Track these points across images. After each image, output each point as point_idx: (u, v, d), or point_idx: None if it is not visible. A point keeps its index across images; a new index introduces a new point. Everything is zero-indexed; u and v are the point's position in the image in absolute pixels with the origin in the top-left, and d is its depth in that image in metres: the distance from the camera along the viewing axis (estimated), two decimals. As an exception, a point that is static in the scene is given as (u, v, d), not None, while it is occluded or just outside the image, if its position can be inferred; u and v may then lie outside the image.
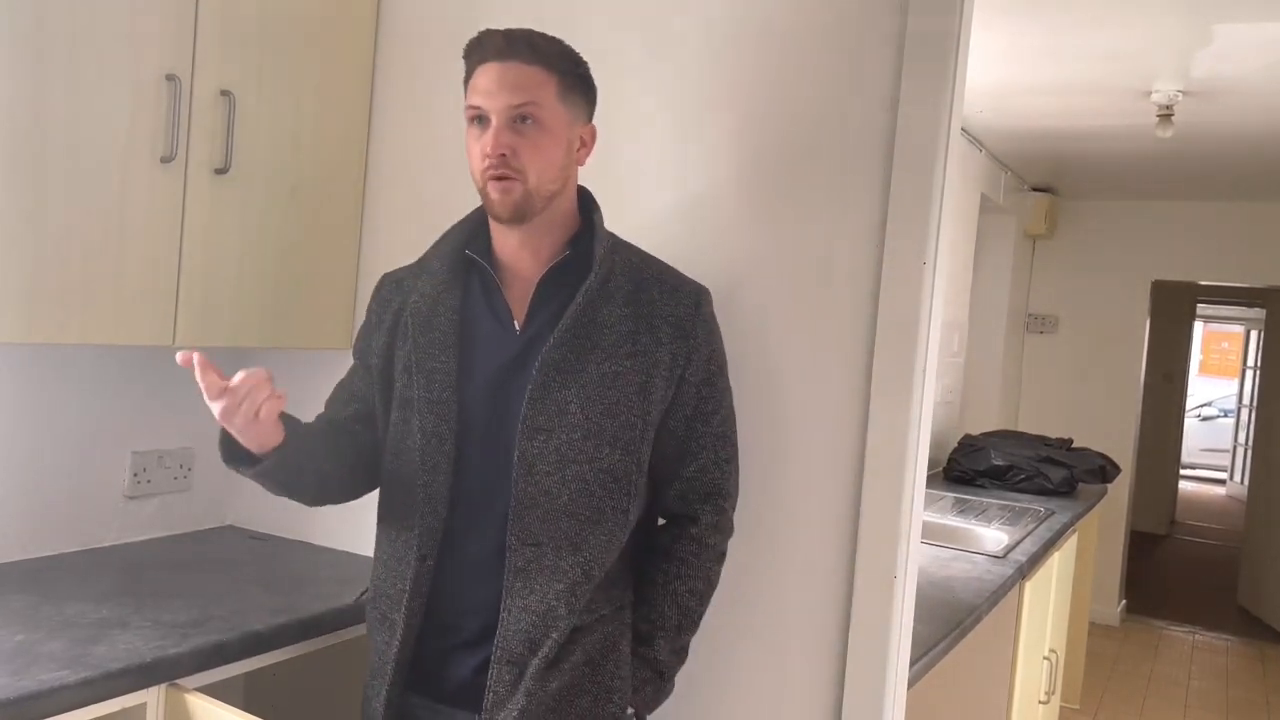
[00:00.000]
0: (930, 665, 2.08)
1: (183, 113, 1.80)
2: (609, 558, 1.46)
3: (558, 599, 1.42)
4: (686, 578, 1.53)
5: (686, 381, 1.49)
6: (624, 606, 1.52)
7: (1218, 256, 5.88)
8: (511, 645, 1.42)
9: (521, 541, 1.42)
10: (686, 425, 1.51)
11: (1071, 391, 6.09)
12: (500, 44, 1.40)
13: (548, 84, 1.40)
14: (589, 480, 1.43)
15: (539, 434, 1.41)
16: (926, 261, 1.65)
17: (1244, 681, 5.37)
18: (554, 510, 1.42)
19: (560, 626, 1.42)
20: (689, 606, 1.54)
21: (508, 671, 1.42)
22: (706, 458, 1.53)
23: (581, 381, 1.42)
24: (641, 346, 1.45)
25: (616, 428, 1.43)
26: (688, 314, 1.49)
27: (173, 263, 1.83)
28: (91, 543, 2.11)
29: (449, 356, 1.46)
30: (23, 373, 1.98)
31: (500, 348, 1.47)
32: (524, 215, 1.42)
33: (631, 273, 1.49)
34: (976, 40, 1.78)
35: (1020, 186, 5.73)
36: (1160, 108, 3.74)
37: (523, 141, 1.39)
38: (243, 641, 1.67)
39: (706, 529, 1.54)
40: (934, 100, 1.64)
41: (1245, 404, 10.77)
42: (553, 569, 1.42)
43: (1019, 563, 2.97)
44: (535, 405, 1.42)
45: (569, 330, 1.42)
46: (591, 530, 1.44)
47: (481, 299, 1.50)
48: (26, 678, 1.41)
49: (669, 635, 1.53)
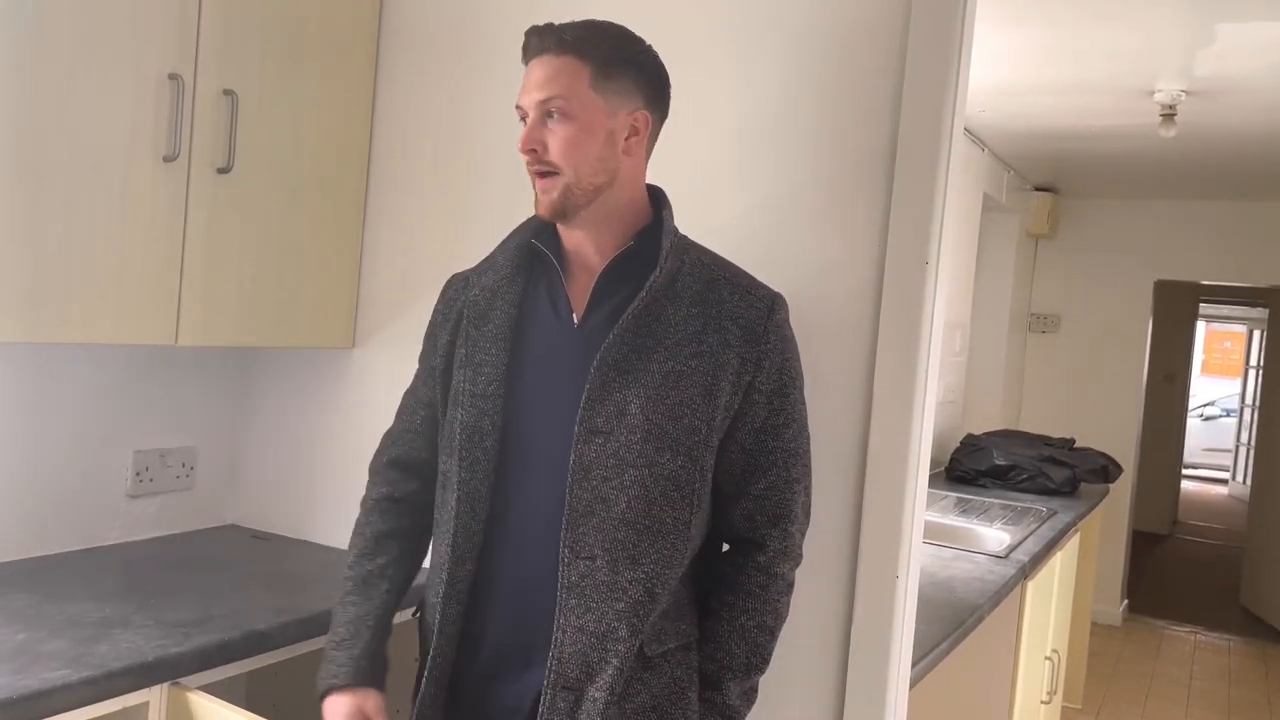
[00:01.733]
0: (932, 665, 2.08)
1: (185, 112, 1.81)
2: (671, 575, 1.36)
3: (618, 619, 1.32)
4: (754, 612, 1.42)
5: (756, 390, 1.39)
6: (690, 645, 1.42)
7: (1220, 256, 5.88)
8: (566, 669, 1.32)
9: (575, 554, 1.32)
10: (755, 438, 1.41)
11: (1074, 391, 6.09)
12: (534, 40, 1.37)
13: (579, 74, 1.34)
14: (648, 487, 1.33)
15: (596, 436, 1.33)
16: (929, 261, 1.65)
17: (1246, 681, 5.37)
18: (610, 519, 1.32)
19: (621, 651, 1.32)
20: (759, 643, 1.42)
21: (562, 699, 1.32)
22: (776, 475, 1.42)
23: (643, 381, 1.34)
24: (708, 346, 1.36)
25: (679, 431, 1.34)
26: (759, 317, 1.39)
27: (175, 262, 1.83)
28: (93, 542, 2.11)
29: (500, 349, 1.40)
30: (25, 372, 1.98)
31: (556, 341, 1.40)
32: (566, 212, 1.36)
33: (702, 272, 1.41)
34: (979, 40, 1.78)
35: (1023, 186, 5.73)
36: (1163, 107, 3.74)
37: (551, 136, 1.34)
38: (245, 640, 1.67)
39: (775, 556, 1.42)
40: (936, 100, 1.64)
41: (1247, 404, 10.76)
42: (610, 585, 1.32)
43: (1021, 562, 2.97)
44: (593, 406, 1.33)
45: (631, 327, 1.35)
46: (650, 542, 1.34)
47: (544, 292, 1.43)
48: (29, 676, 1.41)
49: (738, 676, 1.42)
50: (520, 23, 2.03)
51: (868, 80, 1.70)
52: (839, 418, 1.71)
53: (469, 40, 2.11)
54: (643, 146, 1.42)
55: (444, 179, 2.14)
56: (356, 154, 2.19)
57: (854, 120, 1.71)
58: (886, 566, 1.67)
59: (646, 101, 1.41)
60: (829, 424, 1.71)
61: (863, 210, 1.70)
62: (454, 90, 2.13)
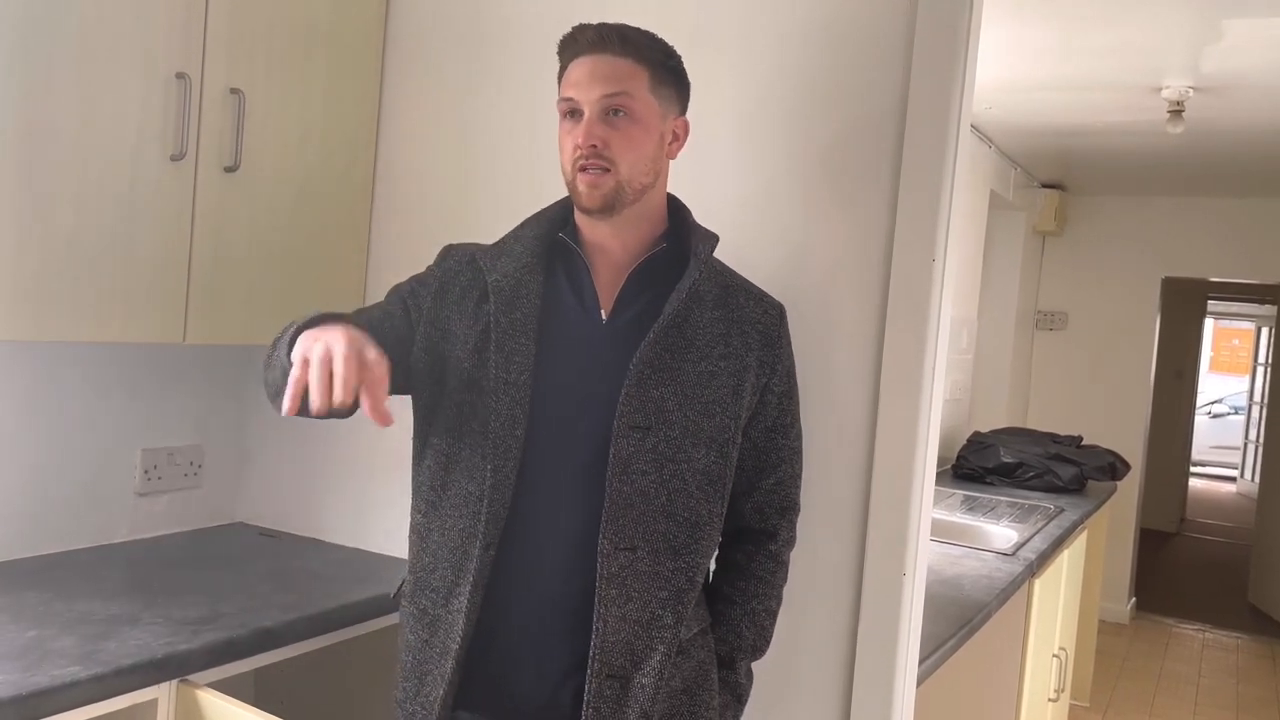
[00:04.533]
0: (939, 663, 2.08)
1: (192, 111, 1.81)
2: (706, 563, 1.44)
3: (662, 606, 1.38)
4: (764, 597, 1.52)
5: (770, 391, 1.48)
6: (708, 629, 1.50)
7: (1228, 253, 5.86)
8: (612, 658, 1.35)
9: (615, 545, 1.36)
10: (767, 437, 1.50)
11: (1081, 388, 6.07)
12: (593, 37, 1.38)
13: (639, 76, 1.38)
14: (687, 480, 1.39)
15: (635, 432, 1.36)
16: (936, 258, 1.64)
17: (1254, 679, 5.35)
18: (651, 511, 1.37)
19: (667, 637, 1.38)
20: (765, 626, 1.53)
21: (609, 687, 1.35)
22: (785, 471, 1.52)
23: (679, 380, 1.39)
24: (733, 349, 1.43)
25: (712, 428, 1.41)
26: (774, 323, 1.49)
27: (183, 260, 1.84)
28: (102, 539, 2.12)
29: (529, 339, 1.40)
30: (34, 370, 1.99)
31: (583, 335, 1.42)
32: (613, 207, 1.38)
33: (717, 278, 1.48)
34: (986, 36, 1.78)
35: (1030, 183, 5.71)
36: (1171, 103, 3.72)
37: (615, 133, 1.36)
38: (253, 638, 1.67)
39: (784, 545, 1.54)
40: (943, 97, 1.64)
41: (1256, 401, 10.74)
42: (651, 574, 1.38)
43: (1028, 560, 2.96)
44: (631, 402, 1.36)
45: (666, 328, 1.39)
46: (689, 533, 1.40)
47: (566, 285, 1.45)
48: (38, 674, 1.41)
49: (746, 657, 1.52)
50: (525, 21, 2.05)
51: (874, 77, 1.70)
52: (846, 415, 1.71)
53: (475, 38, 2.11)
54: (679, 151, 1.47)
55: (451, 177, 2.14)
56: (363, 153, 2.19)
57: (860, 117, 1.71)
58: (894, 564, 1.67)
59: (682, 108, 1.47)
60: (835, 421, 1.71)
61: (869, 207, 1.70)
62: (460, 88, 2.13)
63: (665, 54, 1.43)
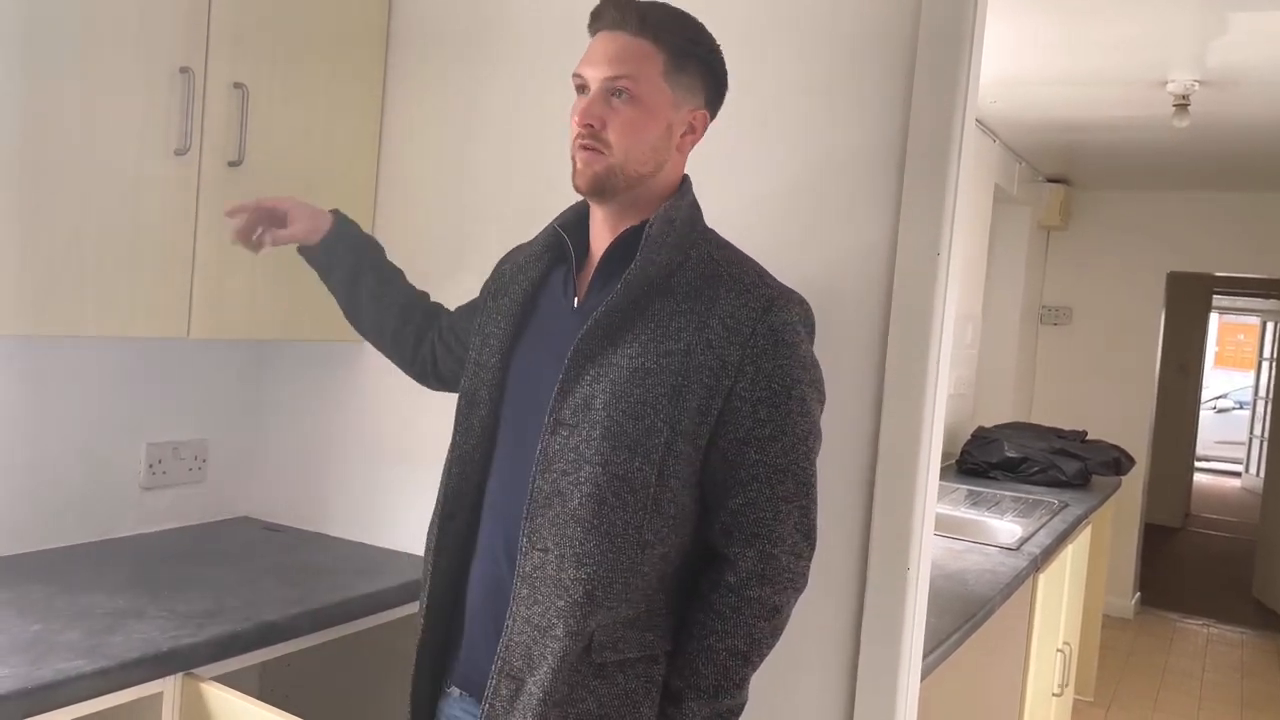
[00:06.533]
0: (943, 657, 2.08)
1: (196, 106, 1.81)
2: (618, 580, 1.29)
3: (557, 616, 1.28)
4: (723, 634, 1.31)
5: (738, 396, 1.31)
6: (656, 658, 1.35)
7: (1234, 248, 5.84)
8: (511, 658, 1.31)
9: (531, 544, 1.31)
10: (737, 449, 1.32)
11: (1086, 383, 6.06)
12: (613, 13, 1.33)
13: (653, 59, 1.32)
14: (601, 485, 1.28)
15: (561, 429, 1.31)
16: (940, 252, 1.64)
17: (1258, 674, 5.35)
18: (564, 514, 1.29)
19: (556, 650, 1.27)
20: (728, 667, 1.31)
21: (505, 685, 1.32)
22: (757, 491, 1.32)
23: (611, 376, 1.30)
24: (683, 345, 1.29)
25: (639, 431, 1.28)
26: (749, 318, 1.31)
27: (187, 255, 1.84)
28: (107, 534, 2.13)
29: (508, 323, 1.42)
30: (38, 365, 1.99)
31: (555, 322, 1.41)
32: (603, 190, 1.34)
33: (705, 267, 1.35)
34: (991, 31, 1.77)
35: (1034, 177, 5.70)
36: (1176, 98, 3.71)
37: (613, 115, 1.31)
38: (258, 632, 1.68)
39: (748, 578, 1.31)
40: (948, 91, 1.63)
41: (1261, 396, 10.71)
42: (555, 581, 1.29)
43: (1033, 555, 2.96)
44: (563, 397, 1.31)
45: (606, 319, 1.31)
46: (597, 543, 1.28)
47: (561, 274, 1.44)
48: (44, 667, 1.42)
49: (703, 698, 1.32)
50: (528, 16, 2.05)
51: (879, 72, 1.69)
52: (850, 410, 1.71)
53: (478, 34, 2.11)
54: (693, 145, 1.42)
55: (454, 172, 2.14)
56: (367, 147, 2.19)
57: (865, 112, 1.71)
58: (898, 559, 1.67)
59: (707, 101, 1.40)
60: (840, 417, 1.71)
61: (874, 202, 1.70)
62: (464, 83, 2.13)
63: (692, 40, 1.35)
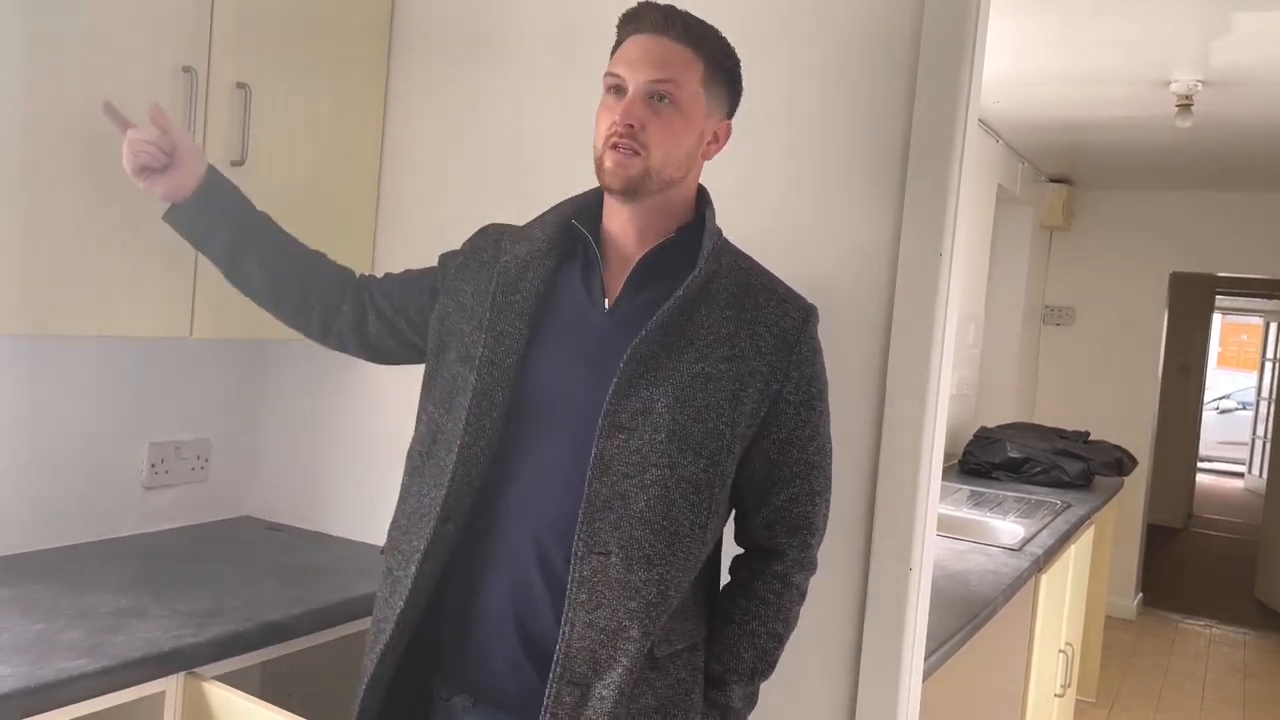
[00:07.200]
0: (945, 658, 2.08)
1: (199, 105, 1.81)
2: (685, 578, 1.35)
3: (630, 618, 1.30)
4: (767, 619, 1.42)
5: (784, 400, 1.39)
6: (697, 646, 1.42)
7: (1237, 248, 5.84)
8: (575, 664, 1.29)
9: (589, 549, 1.30)
10: (780, 449, 1.41)
11: (1088, 384, 6.06)
12: (657, 18, 1.35)
13: (694, 66, 1.35)
14: (669, 487, 1.32)
15: (620, 432, 1.31)
16: (943, 253, 1.64)
17: (1261, 675, 5.34)
18: (628, 517, 1.31)
19: (631, 651, 1.30)
20: (767, 649, 1.43)
21: (568, 693, 1.29)
22: (799, 487, 1.42)
23: (672, 380, 1.32)
24: (739, 351, 1.36)
25: (703, 434, 1.33)
26: (793, 326, 1.39)
27: (189, 255, 1.84)
28: (110, 533, 2.13)
29: (523, 323, 1.39)
30: (41, 364, 1.99)
31: (583, 324, 1.40)
32: (635, 191, 1.35)
33: (738, 276, 1.41)
34: (993, 31, 1.77)
35: (1037, 177, 5.69)
36: (1179, 98, 3.71)
37: (655, 119, 1.33)
38: (260, 631, 1.68)
39: (792, 566, 1.44)
40: (951, 91, 1.63)
41: (1264, 397, 10.70)
42: (622, 583, 1.30)
43: (1035, 555, 2.96)
44: (619, 400, 1.31)
45: (664, 324, 1.33)
46: (666, 543, 1.32)
47: (577, 273, 1.43)
48: (46, 666, 1.42)
49: (743, 679, 1.43)
50: (530, 14, 2.05)
51: (881, 72, 1.69)
52: (852, 410, 1.71)
53: (481, 31, 2.11)
54: (716, 153, 1.44)
55: (456, 171, 2.14)
56: (369, 147, 2.19)
57: (867, 111, 1.71)
58: (900, 559, 1.67)
59: (729, 113, 1.44)
60: (842, 417, 1.70)
61: (876, 202, 1.70)
62: (466, 81, 2.13)
63: (725, 54, 1.39)
